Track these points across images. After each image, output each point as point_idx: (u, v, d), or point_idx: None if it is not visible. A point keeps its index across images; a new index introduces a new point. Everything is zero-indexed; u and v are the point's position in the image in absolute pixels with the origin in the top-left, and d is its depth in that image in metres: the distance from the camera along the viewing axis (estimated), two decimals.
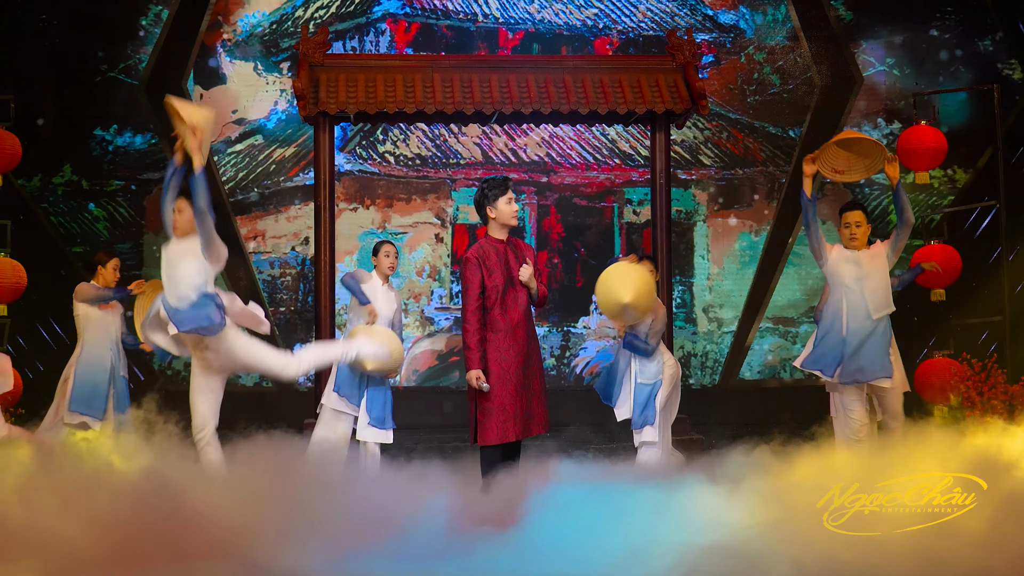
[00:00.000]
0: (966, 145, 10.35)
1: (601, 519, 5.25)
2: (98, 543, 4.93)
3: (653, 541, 4.93)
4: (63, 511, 5.14)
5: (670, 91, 8.80)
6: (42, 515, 5.09)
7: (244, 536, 5.06)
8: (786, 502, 5.50)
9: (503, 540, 5.23)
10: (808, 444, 6.87)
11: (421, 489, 6.01)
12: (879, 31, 10.97)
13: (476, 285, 6.33)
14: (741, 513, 5.26)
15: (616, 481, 6.17)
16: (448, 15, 10.99)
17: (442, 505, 5.70)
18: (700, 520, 5.15)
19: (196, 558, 4.84)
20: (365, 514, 5.48)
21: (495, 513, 5.46)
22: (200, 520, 5.10)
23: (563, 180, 11.00)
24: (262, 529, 5.17)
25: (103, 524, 5.01)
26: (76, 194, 10.70)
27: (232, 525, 5.09)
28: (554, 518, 5.29)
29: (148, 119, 10.76)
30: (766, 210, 11.03)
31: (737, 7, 11.03)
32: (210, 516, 5.17)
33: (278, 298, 10.87)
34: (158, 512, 5.04)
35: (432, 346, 10.90)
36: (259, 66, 10.93)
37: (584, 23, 11.03)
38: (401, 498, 5.88)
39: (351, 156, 10.93)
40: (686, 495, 5.58)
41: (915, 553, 4.74)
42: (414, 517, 5.56)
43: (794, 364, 7.15)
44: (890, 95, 10.90)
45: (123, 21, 10.75)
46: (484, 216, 6.55)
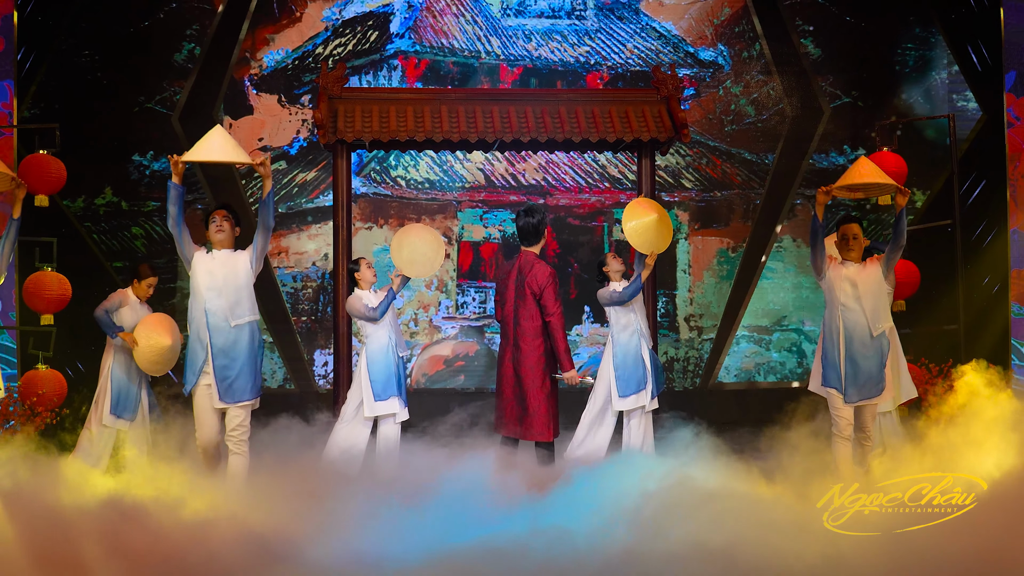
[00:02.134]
0: (924, 169, 10.34)
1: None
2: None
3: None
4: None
5: (655, 121, 8.80)
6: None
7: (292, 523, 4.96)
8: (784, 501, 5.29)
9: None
10: (789, 440, 6.77)
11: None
12: (844, 66, 10.98)
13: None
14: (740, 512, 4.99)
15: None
16: (454, 52, 11.00)
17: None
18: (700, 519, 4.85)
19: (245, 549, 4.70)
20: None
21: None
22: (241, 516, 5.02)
23: (558, 202, 10.99)
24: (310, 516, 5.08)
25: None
26: (116, 214, 10.70)
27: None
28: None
29: (182, 146, 10.75)
30: (742, 229, 11.02)
31: (716, 45, 11.04)
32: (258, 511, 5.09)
33: (300, 308, 10.85)
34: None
35: (439, 352, 10.88)
36: (283, 98, 10.93)
37: (577, 60, 11.03)
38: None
39: (366, 180, 10.93)
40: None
41: (915, 553, 4.47)
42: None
43: (809, 389, 6.86)
44: (854, 124, 10.90)
45: (159, 57, 10.75)
46: (537, 238, 6.84)
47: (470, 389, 10.67)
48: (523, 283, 6.73)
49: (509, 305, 6.77)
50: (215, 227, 6.53)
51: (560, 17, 11.06)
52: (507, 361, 6.75)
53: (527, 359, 6.67)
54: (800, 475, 5.99)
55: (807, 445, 6.65)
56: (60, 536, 4.76)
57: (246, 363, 6.45)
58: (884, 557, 4.45)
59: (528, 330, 6.68)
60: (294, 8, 10.91)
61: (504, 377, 6.75)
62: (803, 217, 10.91)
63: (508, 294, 6.81)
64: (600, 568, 4.52)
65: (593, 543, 4.75)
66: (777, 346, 10.98)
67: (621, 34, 11.04)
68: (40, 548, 4.62)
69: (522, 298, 6.71)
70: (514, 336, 6.73)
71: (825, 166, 10.99)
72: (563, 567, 4.54)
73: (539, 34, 11.04)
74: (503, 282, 6.90)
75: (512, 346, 6.72)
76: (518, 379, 6.69)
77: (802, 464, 6.32)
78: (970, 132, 10.66)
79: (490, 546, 4.74)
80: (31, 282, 8.78)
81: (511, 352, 6.73)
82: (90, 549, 4.66)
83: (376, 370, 7.62)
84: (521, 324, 6.68)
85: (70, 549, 4.72)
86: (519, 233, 6.95)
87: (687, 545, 4.56)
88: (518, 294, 6.73)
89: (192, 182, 10.73)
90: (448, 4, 11.02)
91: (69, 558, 4.65)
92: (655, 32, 11.04)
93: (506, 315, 6.83)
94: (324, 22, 10.93)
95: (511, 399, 6.68)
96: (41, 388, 8.55)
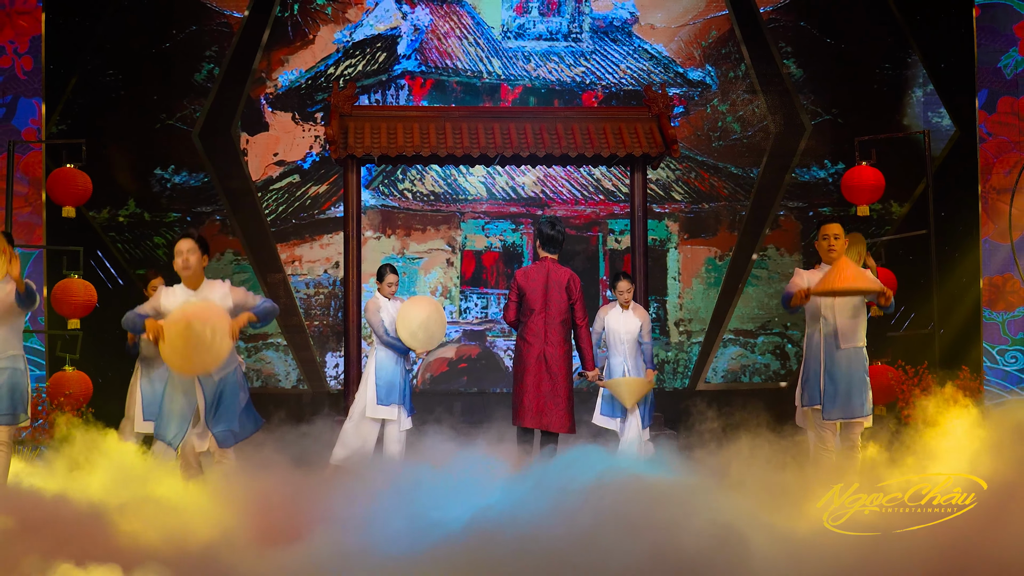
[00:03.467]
0: (901, 182, 10.33)
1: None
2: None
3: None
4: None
5: (646, 137, 8.80)
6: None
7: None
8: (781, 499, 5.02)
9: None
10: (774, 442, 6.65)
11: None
12: (825, 86, 10.97)
13: None
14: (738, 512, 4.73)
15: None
16: (458, 73, 11.00)
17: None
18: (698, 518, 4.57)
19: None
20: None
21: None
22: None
23: (555, 213, 10.99)
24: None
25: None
26: (139, 225, 10.69)
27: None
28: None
29: (201, 161, 10.76)
30: (728, 239, 11.01)
31: (704, 65, 11.04)
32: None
33: (312, 313, 10.84)
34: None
35: (444, 354, 10.86)
36: (296, 116, 10.93)
37: (573, 79, 11.03)
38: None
39: (375, 193, 10.92)
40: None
41: (915, 553, 4.24)
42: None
43: (796, 404, 6.56)
44: (834, 140, 10.89)
45: (180, 77, 10.75)
46: (560, 247, 7.15)
47: (472, 390, 10.65)
48: (558, 287, 6.97)
49: (540, 306, 6.95)
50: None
51: (557, 39, 11.06)
52: (538, 357, 6.90)
53: (556, 355, 6.89)
54: (789, 476, 5.84)
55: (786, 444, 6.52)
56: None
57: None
58: (884, 557, 4.23)
59: (560, 330, 6.96)
60: (307, 31, 10.92)
61: (536, 373, 6.88)
62: (786, 228, 10.90)
63: (538, 296, 6.98)
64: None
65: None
66: (762, 349, 10.97)
67: (614, 55, 11.05)
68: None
69: (555, 300, 6.94)
70: (545, 334, 6.91)
71: (807, 180, 10.99)
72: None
73: (537, 55, 11.04)
74: (532, 286, 7.02)
75: (544, 343, 6.90)
76: (550, 375, 6.82)
77: (789, 463, 6.19)
78: (944, 147, 10.66)
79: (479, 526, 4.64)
80: (59, 289, 8.78)
81: (541, 348, 6.90)
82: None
83: (382, 375, 7.62)
84: (556, 324, 6.92)
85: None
86: (547, 241, 7.10)
87: (687, 543, 4.31)
88: (550, 296, 6.95)
89: (211, 195, 10.73)
90: (452, 27, 11.02)
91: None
92: (647, 54, 11.04)
93: (537, 315, 6.97)
94: (335, 44, 10.93)
95: (541, 393, 6.86)
96: (68, 388, 8.55)
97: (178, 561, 4.45)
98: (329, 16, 10.92)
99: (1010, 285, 10.14)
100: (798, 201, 10.97)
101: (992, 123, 10.35)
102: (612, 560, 4.20)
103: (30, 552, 4.36)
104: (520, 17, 11.05)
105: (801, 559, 4.20)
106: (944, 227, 9.95)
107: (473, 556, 4.23)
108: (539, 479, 5.25)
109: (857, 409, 6.19)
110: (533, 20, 11.05)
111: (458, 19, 11.02)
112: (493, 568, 4.14)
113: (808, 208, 10.95)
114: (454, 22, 11.01)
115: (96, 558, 4.36)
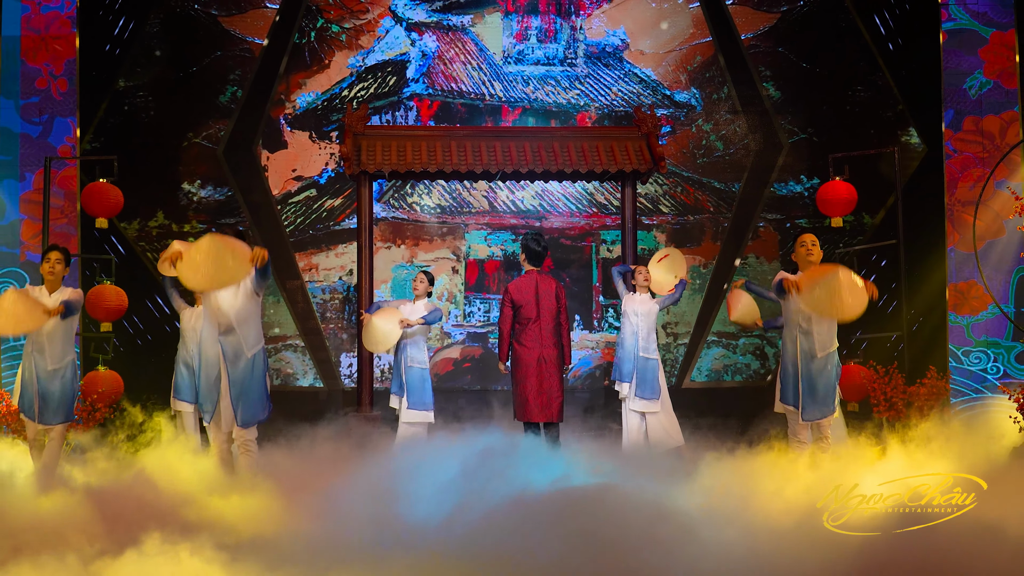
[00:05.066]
0: (873, 196, 10.37)
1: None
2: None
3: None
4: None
5: (636, 155, 8.83)
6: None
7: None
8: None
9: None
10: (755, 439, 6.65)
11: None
12: (801, 106, 11.01)
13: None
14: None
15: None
16: (462, 95, 11.04)
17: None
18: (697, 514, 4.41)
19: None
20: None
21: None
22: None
23: (552, 224, 11.02)
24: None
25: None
26: (167, 235, 10.72)
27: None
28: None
29: (225, 176, 10.80)
30: (712, 248, 11.04)
31: (689, 88, 11.08)
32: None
33: (328, 317, 10.87)
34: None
35: (449, 354, 10.88)
36: (313, 134, 10.97)
37: (569, 101, 11.07)
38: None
39: (386, 205, 10.95)
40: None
41: (915, 553, 3.97)
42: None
43: (775, 410, 6.59)
44: (810, 157, 10.92)
45: (206, 98, 10.79)
46: (543, 260, 7.44)
47: (476, 388, 10.67)
48: (548, 295, 7.27)
49: (534, 314, 7.24)
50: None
51: (554, 64, 11.10)
52: (538, 360, 7.20)
53: (552, 356, 7.22)
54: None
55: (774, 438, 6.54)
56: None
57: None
58: (884, 557, 3.96)
59: (553, 333, 7.28)
60: (323, 57, 10.96)
61: (538, 374, 7.19)
62: (765, 238, 10.93)
63: (532, 306, 7.26)
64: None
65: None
66: (743, 350, 10.99)
67: (607, 79, 11.08)
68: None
69: (546, 308, 7.24)
70: (541, 339, 7.20)
71: (784, 193, 11.02)
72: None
73: (536, 79, 11.08)
74: (526, 298, 7.29)
75: (540, 346, 7.19)
76: (549, 375, 7.20)
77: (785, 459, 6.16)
78: (913, 163, 10.68)
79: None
80: (92, 294, 8.81)
81: (539, 351, 7.20)
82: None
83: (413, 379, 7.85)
84: (549, 328, 7.23)
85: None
86: (532, 256, 7.32)
87: (686, 541, 4.12)
88: (541, 305, 7.24)
89: (234, 208, 10.76)
90: (457, 53, 11.06)
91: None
92: (636, 77, 11.08)
93: (533, 323, 7.25)
94: (349, 69, 10.97)
95: (543, 391, 7.24)
96: (101, 387, 8.58)
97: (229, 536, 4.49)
98: (343, 43, 10.96)
99: (974, 291, 10.15)
100: (776, 213, 11.00)
101: (957, 141, 10.37)
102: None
103: (111, 527, 4.44)
104: (520, 44, 11.09)
105: (801, 559, 3.98)
106: (912, 237, 9.97)
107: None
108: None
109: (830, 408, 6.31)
110: (532, 46, 11.09)
111: (462, 46, 11.06)
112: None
113: (786, 220, 10.98)
114: (459, 48, 11.05)
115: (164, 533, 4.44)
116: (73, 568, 4.03)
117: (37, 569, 4.00)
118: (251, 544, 4.40)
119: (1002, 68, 10.31)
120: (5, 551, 4.30)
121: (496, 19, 11.05)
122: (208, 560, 4.10)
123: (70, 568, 4.03)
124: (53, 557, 4.09)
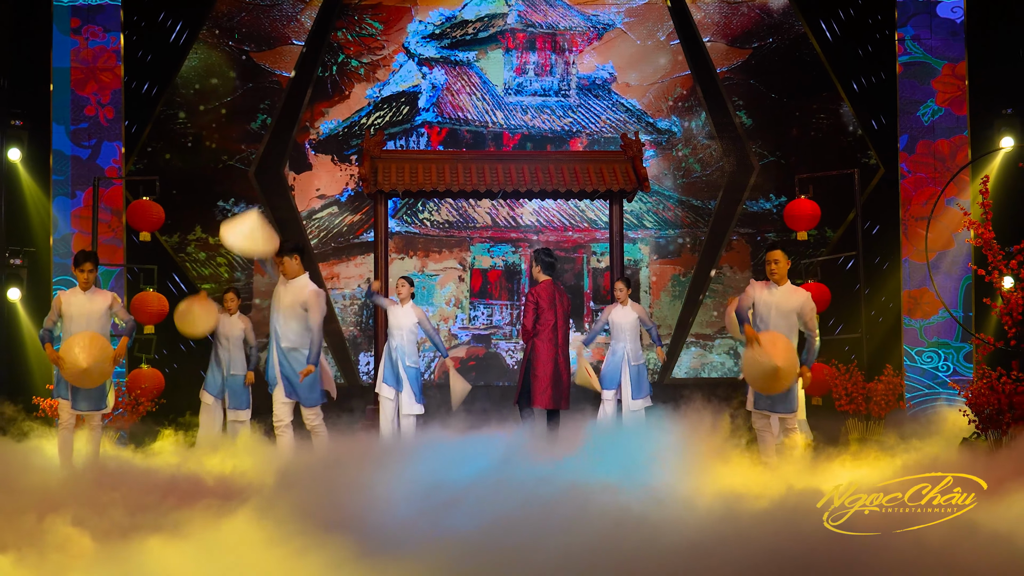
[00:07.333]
0: (835, 212, 10.40)
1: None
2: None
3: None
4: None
5: (623, 175, 8.87)
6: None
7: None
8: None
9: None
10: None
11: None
12: (770, 132, 11.04)
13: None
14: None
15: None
16: (468, 123, 11.09)
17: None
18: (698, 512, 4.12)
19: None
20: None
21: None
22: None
23: (548, 238, 11.06)
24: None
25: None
26: (204, 247, 10.76)
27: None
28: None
29: (256, 195, 10.84)
30: (691, 259, 11.06)
31: (670, 116, 11.12)
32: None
33: (348, 320, 10.91)
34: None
35: (456, 354, 10.92)
36: (335, 158, 11.02)
37: (563, 128, 11.12)
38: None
39: (400, 221, 11.00)
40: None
41: (915, 553, 3.63)
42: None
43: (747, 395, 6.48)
44: (778, 177, 10.95)
45: (239, 125, 10.85)
46: (554, 271, 7.65)
47: (480, 384, 10.70)
48: (562, 301, 7.56)
49: (553, 316, 7.48)
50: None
51: (550, 95, 11.15)
52: (554, 356, 7.43)
53: (564, 353, 7.51)
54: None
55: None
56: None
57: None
58: (884, 557, 3.62)
59: (565, 333, 7.57)
60: (344, 88, 11.01)
61: (555, 369, 7.41)
62: (738, 250, 10.97)
63: (551, 309, 7.49)
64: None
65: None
66: (718, 350, 11.02)
67: (596, 108, 11.13)
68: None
69: (561, 312, 7.51)
70: (557, 337, 7.46)
71: (755, 210, 11.05)
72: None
73: (533, 108, 11.13)
74: (548, 302, 7.51)
75: (556, 345, 7.44)
76: (562, 369, 7.44)
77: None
78: (871, 183, 10.71)
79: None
80: (137, 300, 8.88)
81: (556, 349, 7.44)
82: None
83: (385, 361, 8.00)
84: (562, 328, 7.50)
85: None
86: (547, 267, 7.61)
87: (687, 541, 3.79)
88: (558, 309, 7.48)
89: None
90: (463, 85, 11.12)
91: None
92: (623, 107, 11.13)
93: (550, 321, 7.48)
94: (367, 99, 11.03)
95: (559, 383, 7.32)
96: (144, 383, 8.63)
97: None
98: (362, 76, 11.02)
99: (926, 297, 10.19)
100: (748, 228, 11.04)
101: (912, 162, 10.41)
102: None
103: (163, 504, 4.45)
104: (519, 77, 11.15)
105: (801, 559, 3.64)
106: (871, 249, 10.01)
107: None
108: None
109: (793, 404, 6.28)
110: (530, 79, 11.14)
111: (468, 79, 11.11)
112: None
113: (756, 234, 11.02)
114: (465, 81, 11.11)
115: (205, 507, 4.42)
116: (114, 538, 4.03)
117: (74, 541, 3.96)
118: (288, 516, 4.25)
119: (953, 96, 10.35)
120: (31, 522, 4.22)
121: (498, 55, 11.11)
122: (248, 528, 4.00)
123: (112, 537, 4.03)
124: (91, 530, 4.06)
